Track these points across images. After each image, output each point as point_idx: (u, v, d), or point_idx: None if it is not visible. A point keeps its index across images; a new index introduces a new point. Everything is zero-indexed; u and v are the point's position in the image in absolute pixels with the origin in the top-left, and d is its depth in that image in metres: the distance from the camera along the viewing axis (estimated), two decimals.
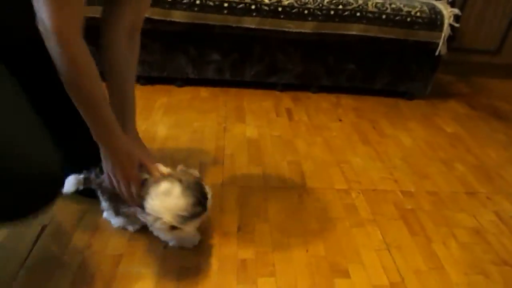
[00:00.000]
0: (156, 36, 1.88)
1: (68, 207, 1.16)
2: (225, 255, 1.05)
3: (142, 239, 1.07)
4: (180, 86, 2.04)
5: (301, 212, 1.24)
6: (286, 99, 2.01)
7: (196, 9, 1.78)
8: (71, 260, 1.00)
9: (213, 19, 1.81)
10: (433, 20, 1.90)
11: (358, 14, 1.85)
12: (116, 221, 1.09)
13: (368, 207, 1.29)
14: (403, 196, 1.36)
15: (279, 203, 1.27)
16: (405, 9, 1.88)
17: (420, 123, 1.91)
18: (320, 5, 1.84)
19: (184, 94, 1.97)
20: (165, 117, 1.72)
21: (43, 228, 1.08)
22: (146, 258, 1.02)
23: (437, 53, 1.93)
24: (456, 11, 1.92)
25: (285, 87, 2.09)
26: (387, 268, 1.07)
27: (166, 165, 0.99)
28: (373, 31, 1.89)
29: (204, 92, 2.01)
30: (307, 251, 1.10)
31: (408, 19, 1.88)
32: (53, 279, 0.95)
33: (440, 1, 1.98)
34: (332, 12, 1.84)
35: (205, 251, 1.06)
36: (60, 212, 1.14)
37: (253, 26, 1.84)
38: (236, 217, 1.19)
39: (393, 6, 1.88)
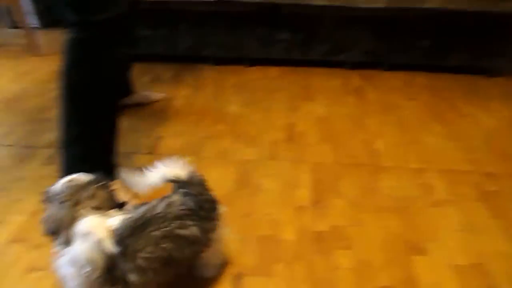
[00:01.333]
0: (224, 17, 1.94)
1: None
2: (302, 227, 1.10)
3: None
4: (249, 66, 2.09)
5: (375, 190, 1.24)
6: (355, 78, 1.98)
7: None
8: None
9: None
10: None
11: None
12: None
13: (445, 187, 1.25)
14: (484, 178, 1.30)
15: (352, 180, 1.28)
16: None
17: (504, 102, 1.78)
18: None
19: (253, 73, 2.02)
20: (236, 96, 1.79)
21: None
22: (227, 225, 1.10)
23: None
24: None
25: (354, 65, 2.05)
26: (466, 249, 1.04)
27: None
28: (454, 3, 1.77)
29: (272, 71, 2.04)
30: (383, 227, 1.10)
31: None
32: None
33: None
34: None
35: (283, 223, 1.11)
36: None
37: (323, 4, 1.82)
38: (310, 192, 1.23)
39: None
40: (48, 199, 0.79)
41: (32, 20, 2.58)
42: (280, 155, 1.40)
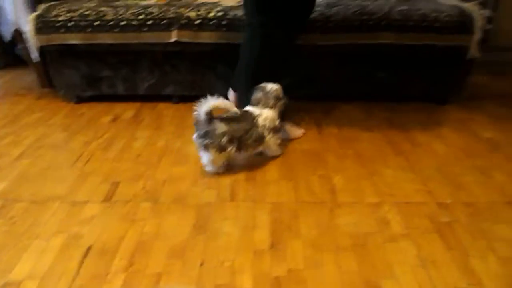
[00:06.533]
0: (184, 56, 1.96)
1: (111, 227, 1.24)
2: (259, 272, 1.08)
3: (179, 258, 1.13)
4: None
5: (333, 228, 1.25)
6: (315, 111, 2.02)
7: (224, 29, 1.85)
8: (115, 278, 1.06)
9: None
10: (463, 23, 1.85)
11: (383, 23, 1.84)
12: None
13: (401, 221, 1.28)
14: (438, 208, 1.34)
15: (311, 218, 1.29)
16: (433, 14, 1.85)
17: (454, 129, 1.85)
18: (345, 17, 1.85)
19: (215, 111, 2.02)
20: None
21: (89, 249, 1.16)
22: (183, 277, 1.07)
23: (468, 57, 1.88)
24: (487, 12, 1.86)
25: (313, 98, 2.10)
26: (422, 285, 1.05)
27: None
28: (402, 39, 1.87)
29: None
30: (340, 267, 1.10)
31: (436, 24, 1.84)
32: None
33: (470, 3, 1.93)
34: (357, 23, 1.85)
35: (240, 269, 1.09)
36: (104, 233, 1.22)
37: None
38: (268, 233, 1.22)
39: (419, 12, 1.85)
40: None
41: None
42: (240, 195, 1.39)
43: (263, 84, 1.55)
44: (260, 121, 1.48)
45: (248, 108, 1.53)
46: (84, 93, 2.08)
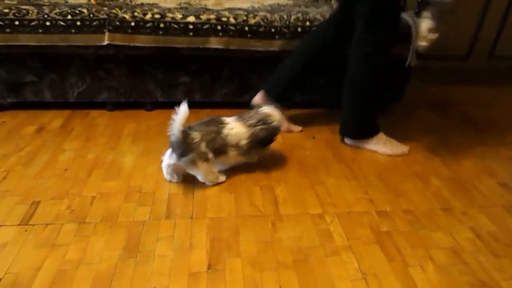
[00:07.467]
0: (119, 60, 1.83)
1: (26, 255, 1.09)
2: None
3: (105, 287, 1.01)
4: (150, 110, 1.98)
5: (274, 243, 1.19)
6: None
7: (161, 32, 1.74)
8: None
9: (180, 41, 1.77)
10: (401, 32, 1.89)
11: None
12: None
13: (343, 232, 1.25)
14: (378, 217, 1.33)
15: (252, 233, 1.22)
16: None
17: (394, 136, 1.88)
18: (287, 22, 1.82)
19: (154, 118, 1.91)
20: (133, 146, 1.66)
21: None
22: None
23: (406, 65, 1.92)
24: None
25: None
26: None
27: None
28: None
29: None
30: (280, 287, 1.05)
31: None
32: None
33: (408, 12, 1.98)
34: (298, 29, 1.82)
35: None
36: (17, 263, 1.07)
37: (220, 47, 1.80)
38: (205, 253, 1.14)
39: None
40: None
41: None
42: (177, 212, 1.30)
43: (267, 106, 1.54)
44: (226, 130, 1.39)
45: (225, 117, 1.45)
46: (4, 100, 1.87)
